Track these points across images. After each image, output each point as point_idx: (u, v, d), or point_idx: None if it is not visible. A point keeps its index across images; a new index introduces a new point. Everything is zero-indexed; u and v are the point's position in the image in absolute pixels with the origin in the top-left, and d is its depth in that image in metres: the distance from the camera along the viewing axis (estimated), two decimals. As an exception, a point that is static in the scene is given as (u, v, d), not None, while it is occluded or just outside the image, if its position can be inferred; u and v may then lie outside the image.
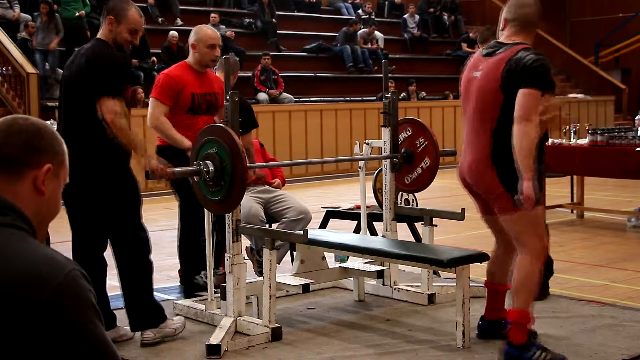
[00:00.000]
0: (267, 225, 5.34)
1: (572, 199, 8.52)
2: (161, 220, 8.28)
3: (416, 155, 4.92)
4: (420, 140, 4.90)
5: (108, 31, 4.03)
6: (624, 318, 4.41)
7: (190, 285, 5.01)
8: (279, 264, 5.21)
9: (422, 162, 4.89)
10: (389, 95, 4.91)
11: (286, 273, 4.64)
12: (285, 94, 14.13)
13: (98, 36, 4.10)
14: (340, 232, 5.45)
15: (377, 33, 17.37)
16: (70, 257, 3.71)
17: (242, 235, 4.27)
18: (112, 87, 3.90)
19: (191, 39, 4.84)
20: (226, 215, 4.14)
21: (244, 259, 4.40)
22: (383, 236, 4.98)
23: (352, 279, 4.97)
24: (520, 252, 3.68)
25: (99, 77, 3.89)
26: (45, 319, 1.35)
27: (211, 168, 3.94)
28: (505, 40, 3.72)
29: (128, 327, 4.19)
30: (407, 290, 4.91)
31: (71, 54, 4.40)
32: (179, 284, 5.40)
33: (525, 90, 3.49)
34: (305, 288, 4.40)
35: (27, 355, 1.35)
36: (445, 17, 19.64)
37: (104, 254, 4.22)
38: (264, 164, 5.48)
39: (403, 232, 5.35)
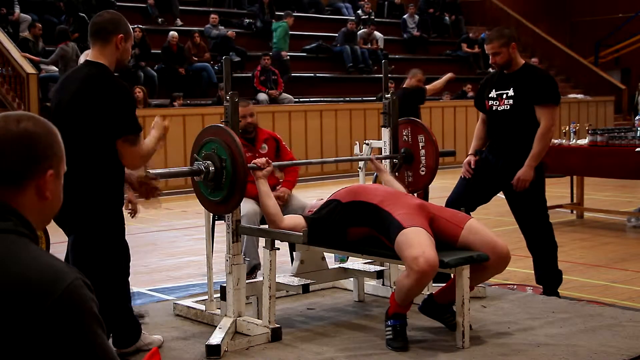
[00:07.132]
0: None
1: (572, 199, 8.51)
2: (161, 221, 8.28)
3: (416, 156, 4.93)
4: (420, 140, 4.91)
5: (113, 51, 3.64)
6: (624, 318, 4.40)
7: None
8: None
9: (422, 163, 4.90)
10: (389, 95, 4.91)
11: (286, 273, 4.64)
12: (285, 94, 14.13)
13: (93, 59, 3.64)
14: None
15: (376, 33, 17.37)
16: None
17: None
18: (133, 125, 3.56)
19: None
20: (226, 215, 4.14)
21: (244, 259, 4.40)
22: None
23: (352, 279, 4.97)
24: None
25: (116, 116, 3.51)
26: (47, 329, 1.34)
27: (211, 168, 3.94)
28: None
29: (155, 336, 4.02)
30: (407, 290, 4.89)
31: None
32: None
33: None
34: (305, 288, 4.40)
35: None
36: (446, 17, 19.64)
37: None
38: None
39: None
